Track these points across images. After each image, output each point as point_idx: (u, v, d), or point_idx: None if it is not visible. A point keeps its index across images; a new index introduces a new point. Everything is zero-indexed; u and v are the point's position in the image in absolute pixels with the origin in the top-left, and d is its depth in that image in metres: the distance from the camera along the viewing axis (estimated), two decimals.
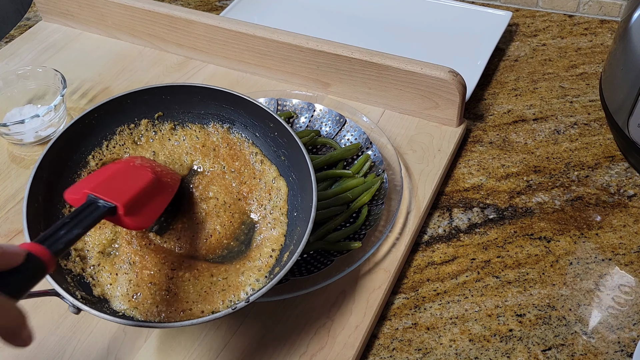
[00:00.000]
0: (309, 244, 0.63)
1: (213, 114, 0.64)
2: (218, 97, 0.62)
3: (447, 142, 0.76)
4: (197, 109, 0.64)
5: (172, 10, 0.87)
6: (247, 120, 0.63)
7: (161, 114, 0.64)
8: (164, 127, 0.64)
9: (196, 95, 0.62)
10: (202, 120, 0.64)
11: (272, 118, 0.60)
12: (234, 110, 0.63)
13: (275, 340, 0.58)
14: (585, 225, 0.68)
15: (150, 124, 0.64)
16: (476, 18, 0.94)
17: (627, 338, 0.58)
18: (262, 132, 0.62)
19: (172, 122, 0.64)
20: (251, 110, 0.62)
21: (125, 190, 0.51)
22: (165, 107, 0.63)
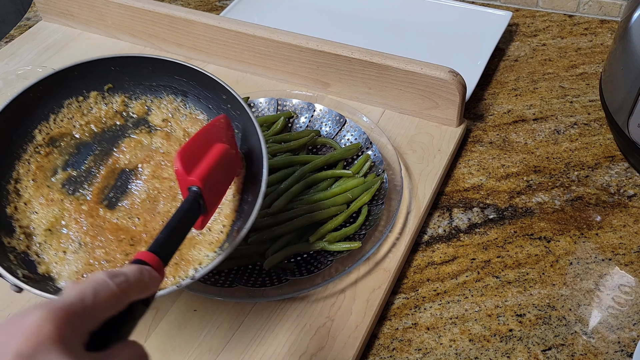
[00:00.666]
0: (309, 244, 0.63)
1: (165, 85, 0.62)
2: (170, 69, 0.60)
3: (447, 142, 0.76)
4: (148, 81, 0.62)
5: (172, 10, 0.87)
6: (200, 92, 0.61)
7: (111, 86, 0.62)
8: (115, 100, 0.62)
9: (147, 66, 0.61)
10: (154, 93, 0.62)
11: (225, 90, 0.58)
12: (186, 82, 0.61)
13: (275, 340, 0.58)
14: (585, 225, 0.68)
15: (100, 97, 0.62)
16: (476, 18, 0.94)
17: (627, 338, 0.58)
18: (216, 104, 0.60)
19: (123, 94, 0.63)
20: (204, 82, 0.60)
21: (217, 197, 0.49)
22: (115, 79, 0.62)
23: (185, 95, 0.62)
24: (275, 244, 0.62)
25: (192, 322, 0.60)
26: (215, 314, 0.61)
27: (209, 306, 0.62)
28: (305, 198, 0.66)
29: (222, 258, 0.50)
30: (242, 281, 0.61)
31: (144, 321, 0.61)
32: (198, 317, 0.61)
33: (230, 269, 0.63)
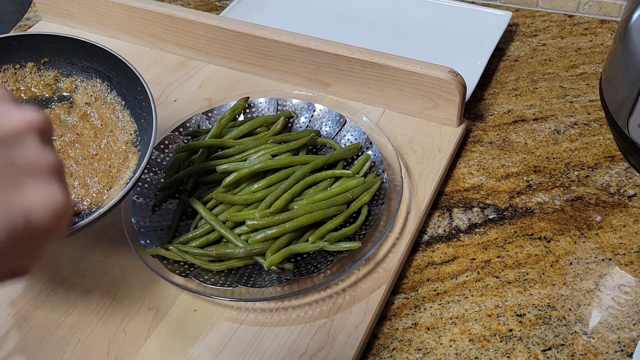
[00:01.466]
0: (309, 244, 0.63)
1: (95, 69, 0.69)
2: (100, 54, 0.67)
3: (447, 142, 0.76)
4: (81, 62, 0.69)
5: (172, 10, 0.87)
6: (122, 81, 0.67)
7: (47, 60, 0.68)
8: (48, 74, 0.69)
9: (81, 49, 0.67)
10: (84, 73, 0.69)
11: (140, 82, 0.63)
12: (112, 69, 0.67)
13: (275, 340, 0.58)
14: (585, 225, 0.68)
15: (36, 68, 0.68)
16: (476, 18, 0.94)
17: (627, 338, 0.58)
18: (132, 94, 0.67)
19: (57, 70, 0.69)
20: (125, 71, 0.65)
21: None
22: (52, 55, 0.68)
23: (110, 81, 0.68)
24: (275, 244, 0.62)
25: (192, 322, 0.60)
26: (215, 314, 0.61)
27: (209, 306, 0.62)
28: (305, 198, 0.66)
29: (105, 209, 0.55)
30: (242, 281, 0.61)
31: (144, 321, 0.61)
32: (198, 317, 0.61)
33: (230, 269, 0.63)
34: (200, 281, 0.60)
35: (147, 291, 0.63)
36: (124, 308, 0.62)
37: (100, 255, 0.67)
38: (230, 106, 0.77)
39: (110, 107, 0.68)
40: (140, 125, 0.67)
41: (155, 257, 0.63)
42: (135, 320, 0.61)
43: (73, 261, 0.67)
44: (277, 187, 0.67)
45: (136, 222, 0.66)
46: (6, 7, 1.47)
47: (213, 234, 0.64)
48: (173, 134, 0.75)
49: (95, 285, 0.64)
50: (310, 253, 0.64)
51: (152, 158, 0.72)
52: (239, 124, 0.75)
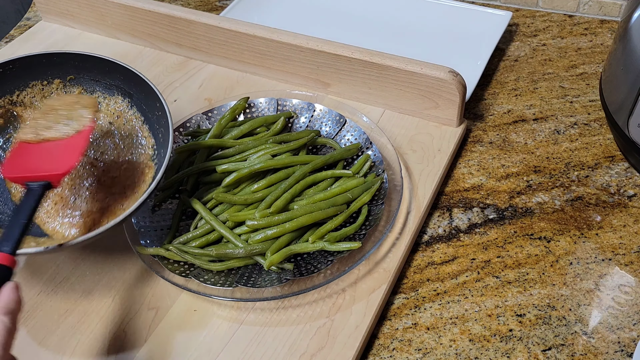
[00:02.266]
0: (309, 244, 0.63)
1: (117, 86, 0.71)
2: (121, 71, 0.69)
3: (447, 142, 0.76)
4: (104, 79, 0.71)
5: (172, 10, 0.87)
6: (140, 97, 0.70)
7: (73, 77, 0.71)
8: (72, 90, 0.72)
9: (104, 66, 0.70)
10: (107, 90, 0.72)
11: (157, 97, 0.66)
12: (133, 85, 0.70)
13: (275, 340, 0.58)
14: (585, 225, 0.68)
15: (62, 84, 0.71)
16: (476, 18, 0.94)
17: (627, 338, 0.58)
18: (151, 110, 0.69)
19: (81, 87, 0.72)
20: (144, 89, 0.68)
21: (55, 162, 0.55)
22: (77, 72, 0.71)
23: (131, 98, 0.71)
24: (275, 244, 0.62)
25: (192, 322, 0.60)
26: (215, 314, 0.61)
27: (209, 306, 0.62)
28: (305, 198, 0.66)
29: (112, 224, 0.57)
30: (242, 281, 0.61)
31: (144, 321, 0.61)
32: (198, 317, 0.61)
33: (230, 269, 0.63)
34: (200, 281, 0.60)
35: (147, 291, 0.63)
36: (124, 308, 0.62)
37: (100, 255, 0.67)
38: (230, 106, 0.77)
39: (130, 123, 0.71)
40: (157, 140, 0.68)
41: (155, 257, 0.63)
42: (135, 320, 0.61)
43: (73, 261, 0.67)
44: (277, 187, 0.67)
45: (136, 222, 0.66)
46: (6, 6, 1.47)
47: (213, 234, 0.64)
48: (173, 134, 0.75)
49: (95, 285, 0.64)
50: (310, 253, 0.64)
51: None
52: (239, 124, 0.75)
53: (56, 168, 0.55)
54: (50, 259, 0.67)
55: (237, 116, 0.77)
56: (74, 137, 0.59)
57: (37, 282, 0.65)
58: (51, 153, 0.57)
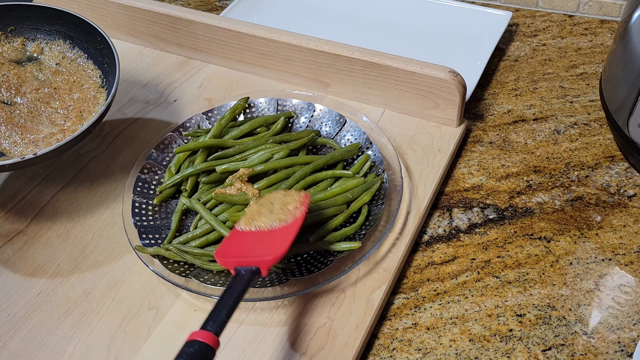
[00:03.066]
0: (309, 244, 0.63)
1: (58, 31, 0.77)
2: (60, 16, 0.75)
3: (447, 142, 0.76)
4: (44, 26, 0.77)
5: (172, 10, 0.87)
6: (82, 37, 0.76)
7: (13, 28, 0.77)
8: (15, 40, 0.77)
9: (42, 13, 0.76)
10: (49, 36, 0.77)
11: (99, 33, 0.73)
12: (72, 27, 0.76)
13: (275, 340, 0.58)
14: (585, 225, 0.68)
15: (4, 36, 0.77)
16: (476, 18, 0.94)
17: (627, 338, 0.58)
18: (93, 46, 0.76)
19: (23, 36, 0.78)
20: (85, 28, 0.74)
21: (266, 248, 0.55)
22: (17, 22, 0.77)
23: (72, 39, 0.77)
24: None
25: (192, 322, 0.60)
26: None
27: (209, 306, 0.62)
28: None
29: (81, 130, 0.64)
30: None
31: (144, 321, 0.61)
32: (198, 317, 0.61)
33: None
34: (200, 281, 0.60)
35: (147, 291, 0.63)
36: (124, 308, 0.62)
37: (100, 255, 0.67)
38: (230, 106, 0.78)
39: (75, 62, 0.77)
40: (104, 69, 0.75)
41: (155, 257, 0.63)
42: (135, 320, 0.61)
43: (73, 261, 0.67)
44: (278, 187, 0.67)
45: (136, 222, 0.66)
46: None
47: (213, 234, 0.64)
48: (173, 134, 0.75)
49: (95, 285, 0.64)
50: (310, 253, 0.64)
51: (152, 158, 0.72)
52: (239, 124, 0.75)
53: (266, 254, 0.54)
54: (51, 258, 0.67)
55: (237, 116, 0.77)
56: (284, 227, 0.58)
57: (37, 282, 0.65)
58: (262, 240, 0.57)
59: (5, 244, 0.69)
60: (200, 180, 0.70)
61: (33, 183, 0.75)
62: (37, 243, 0.69)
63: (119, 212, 0.70)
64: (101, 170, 0.76)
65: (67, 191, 0.74)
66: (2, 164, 0.61)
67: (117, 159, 0.77)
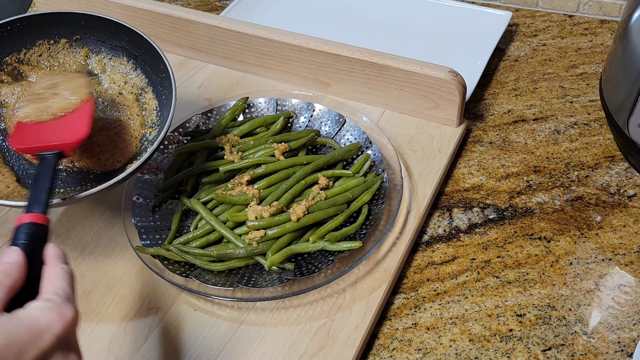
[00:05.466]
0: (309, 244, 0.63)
1: (122, 47, 0.73)
2: (126, 32, 0.71)
3: (447, 142, 0.76)
4: (109, 40, 0.73)
5: (172, 10, 0.87)
6: (145, 58, 0.72)
7: (79, 37, 0.73)
8: (79, 51, 0.74)
9: (110, 27, 0.72)
10: (113, 51, 0.74)
11: (162, 60, 0.69)
12: (138, 47, 0.72)
13: (275, 340, 0.58)
14: (585, 225, 0.68)
15: (68, 44, 0.73)
16: (476, 18, 0.94)
17: (627, 338, 0.58)
18: (155, 72, 0.71)
19: (87, 47, 0.74)
20: (149, 50, 0.70)
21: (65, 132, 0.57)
22: (83, 32, 0.73)
23: (136, 60, 0.73)
24: (276, 244, 0.62)
25: (192, 322, 0.60)
26: (215, 314, 0.61)
27: (208, 306, 0.62)
28: (305, 198, 0.66)
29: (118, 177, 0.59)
30: (242, 281, 0.61)
31: (144, 321, 0.61)
32: (198, 317, 0.61)
33: (231, 269, 0.63)
34: (202, 282, 0.60)
35: (147, 291, 0.63)
36: (124, 308, 0.62)
37: (100, 255, 0.67)
38: (230, 106, 0.78)
39: (135, 88, 0.73)
40: (161, 101, 0.71)
41: (156, 257, 0.63)
42: (135, 320, 0.61)
43: (73, 261, 0.67)
44: (278, 187, 0.67)
45: (136, 222, 0.66)
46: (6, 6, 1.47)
47: (213, 234, 0.64)
48: (173, 134, 0.75)
49: (95, 285, 0.64)
50: (310, 253, 0.64)
51: (152, 158, 0.72)
52: (239, 124, 0.75)
53: (67, 138, 0.56)
54: None
55: (237, 116, 0.77)
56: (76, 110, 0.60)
57: None
58: (58, 125, 0.58)
59: (5, 244, 0.69)
60: (200, 181, 0.70)
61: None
62: None
63: (119, 212, 0.70)
64: None
65: None
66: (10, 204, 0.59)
67: None
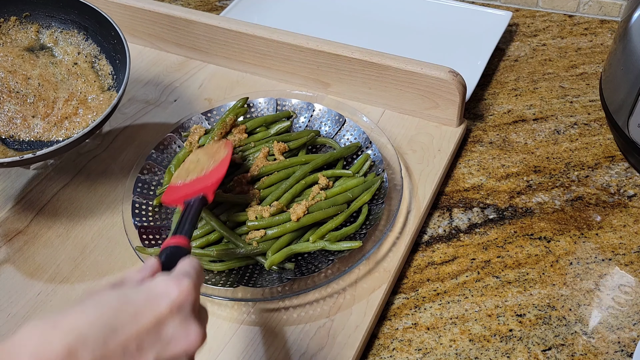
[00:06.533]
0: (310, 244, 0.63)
1: (72, 20, 0.76)
2: (75, 5, 0.74)
3: (447, 142, 0.76)
4: (59, 14, 0.76)
5: (172, 10, 0.87)
6: (96, 29, 0.75)
7: (28, 14, 0.76)
8: (30, 27, 0.76)
9: (57, 1, 0.75)
10: (62, 24, 0.76)
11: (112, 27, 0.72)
12: (88, 19, 0.75)
13: (276, 340, 0.58)
14: (585, 225, 0.68)
15: (18, 21, 0.76)
16: (476, 18, 0.94)
17: (627, 338, 0.58)
18: (105, 39, 0.75)
19: (38, 23, 0.76)
20: (99, 19, 0.73)
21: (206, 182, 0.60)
22: (32, 9, 0.76)
23: (87, 30, 0.76)
24: (276, 244, 0.62)
25: None
26: (215, 314, 0.61)
27: (208, 306, 0.62)
28: (305, 198, 0.66)
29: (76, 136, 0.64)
30: (242, 281, 0.61)
31: None
32: None
33: (231, 269, 0.63)
34: None
35: None
36: None
37: (100, 255, 0.67)
38: (229, 106, 0.77)
39: (89, 57, 0.76)
40: (115, 66, 0.74)
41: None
42: None
43: (73, 261, 0.67)
44: (278, 187, 0.67)
45: (136, 222, 0.66)
46: None
47: (213, 234, 0.64)
48: (172, 134, 0.75)
49: (95, 285, 0.64)
50: (310, 253, 0.64)
51: (152, 158, 0.72)
52: (239, 124, 0.75)
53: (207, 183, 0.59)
54: (51, 258, 0.67)
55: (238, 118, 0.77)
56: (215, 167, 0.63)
57: (37, 282, 0.65)
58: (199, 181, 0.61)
59: (5, 244, 0.69)
60: None
61: (33, 183, 0.75)
62: (37, 243, 0.69)
63: (119, 212, 0.70)
64: (101, 170, 0.76)
65: (67, 191, 0.74)
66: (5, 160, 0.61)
67: (117, 159, 0.77)
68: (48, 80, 0.74)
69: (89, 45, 0.76)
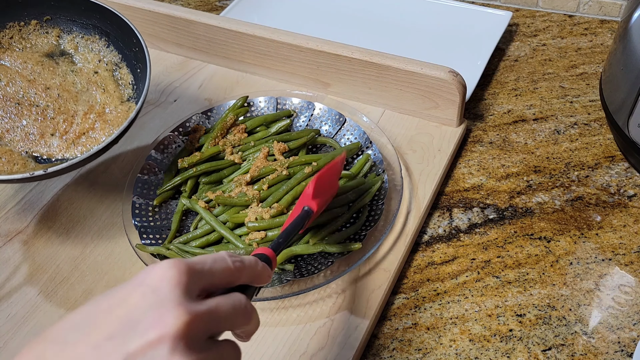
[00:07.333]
0: (310, 246, 0.63)
1: (94, 25, 0.74)
2: (97, 10, 0.72)
3: (447, 142, 0.76)
4: (81, 19, 0.74)
5: (172, 10, 0.87)
6: (118, 35, 0.73)
7: (49, 18, 0.74)
8: (50, 30, 0.74)
9: (80, 5, 0.73)
10: (84, 30, 0.74)
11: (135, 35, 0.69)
12: (110, 24, 0.73)
13: (275, 340, 0.58)
14: (585, 225, 0.68)
15: (39, 25, 0.74)
16: (476, 18, 0.94)
17: (627, 338, 0.58)
18: (128, 47, 0.72)
19: (59, 27, 0.75)
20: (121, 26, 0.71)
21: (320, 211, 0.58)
22: (53, 12, 0.74)
23: (108, 37, 0.74)
24: None
25: None
26: None
27: None
28: None
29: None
30: None
31: None
32: None
33: None
34: None
35: None
36: None
37: (100, 255, 0.67)
38: (229, 106, 0.78)
39: (110, 65, 0.74)
40: (136, 75, 0.72)
41: (156, 257, 0.63)
42: None
43: (73, 261, 0.67)
44: (278, 187, 0.67)
45: (136, 222, 0.66)
46: None
47: (213, 234, 0.64)
48: (173, 134, 0.75)
49: (95, 285, 0.64)
50: (310, 254, 0.64)
51: (151, 159, 0.72)
52: (239, 124, 0.75)
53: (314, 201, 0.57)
54: (51, 258, 0.67)
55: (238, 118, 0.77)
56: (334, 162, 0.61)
57: (37, 282, 0.65)
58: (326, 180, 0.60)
59: (5, 244, 0.69)
60: (200, 181, 0.70)
61: (33, 183, 0.75)
62: (37, 243, 0.69)
63: (119, 212, 0.70)
64: (101, 170, 0.76)
65: (67, 191, 0.74)
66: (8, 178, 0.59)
67: (117, 159, 0.77)
68: (68, 90, 0.72)
69: (111, 52, 0.74)
